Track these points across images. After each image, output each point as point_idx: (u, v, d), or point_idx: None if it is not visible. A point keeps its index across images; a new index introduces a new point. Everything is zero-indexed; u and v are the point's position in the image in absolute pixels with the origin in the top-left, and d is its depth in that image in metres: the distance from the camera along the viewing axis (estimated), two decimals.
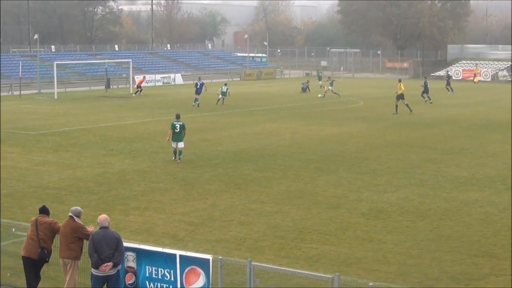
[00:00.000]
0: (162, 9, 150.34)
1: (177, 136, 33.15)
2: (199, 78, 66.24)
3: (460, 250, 20.07)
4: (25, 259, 16.47)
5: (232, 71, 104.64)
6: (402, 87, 54.35)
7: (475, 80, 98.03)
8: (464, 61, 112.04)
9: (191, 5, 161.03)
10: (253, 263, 14.67)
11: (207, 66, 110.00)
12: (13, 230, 18.96)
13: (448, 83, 76.18)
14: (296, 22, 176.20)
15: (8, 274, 18.02)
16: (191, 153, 35.40)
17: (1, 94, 71.34)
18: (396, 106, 54.24)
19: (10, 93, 73.50)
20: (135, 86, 73.32)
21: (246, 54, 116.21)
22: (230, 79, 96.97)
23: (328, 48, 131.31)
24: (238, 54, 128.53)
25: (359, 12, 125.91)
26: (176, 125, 33.21)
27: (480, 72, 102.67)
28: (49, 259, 16.54)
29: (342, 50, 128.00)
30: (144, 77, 79.59)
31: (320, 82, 72.71)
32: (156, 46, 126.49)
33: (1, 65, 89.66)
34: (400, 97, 54.21)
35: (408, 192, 27.13)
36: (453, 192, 27.33)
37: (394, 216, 23.64)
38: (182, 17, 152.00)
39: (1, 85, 76.60)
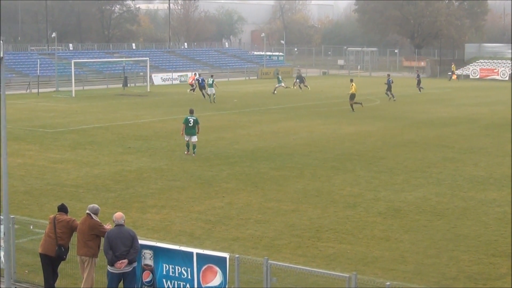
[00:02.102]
0: (179, 7, 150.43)
1: (191, 130, 34.13)
2: (199, 74, 69.07)
3: (478, 250, 19.98)
4: (43, 256, 16.53)
5: (249, 69, 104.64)
6: (354, 87, 54.62)
7: (453, 77, 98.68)
8: (481, 60, 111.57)
9: (208, 4, 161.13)
10: (270, 261, 14.66)
11: (224, 65, 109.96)
12: (31, 227, 19.06)
13: (418, 83, 75.55)
14: (313, 21, 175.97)
15: (26, 271, 18.11)
16: (208, 151, 35.44)
17: (19, 92, 71.93)
18: (356, 103, 54.64)
19: (28, 91, 73.81)
20: (190, 84, 71.87)
21: (263, 53, 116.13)
22: (247, 78, 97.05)
23: (345, 47, 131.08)
24: (255, 53, 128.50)
25: (376, 10, 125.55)
26: (190, 119, 34.21)
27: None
28: (66, 256, 16.59)
29: (359, 48, 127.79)
30: (195, 73, 77.08)
31: (283, 84, 72.00)
32: (173, 45, 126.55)
33: (20, 63, 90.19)
34: (352, 97, 54.46)
35: (426, 191, 27.03)
36: (470, 191, 27.22)
37: (412, 215, 23.56)
38: (199, 16, 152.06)
39: (19, 83, 77.39)
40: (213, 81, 61.88)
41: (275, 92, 70.70)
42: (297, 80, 76.47)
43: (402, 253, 19.61)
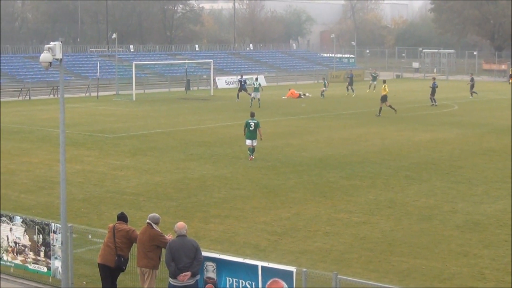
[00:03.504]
0: (245, 7, 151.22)
1: (252, 133, 34.97)
2: (242, 76, 72.22)
3: None
4: (102, 267, 16.70)
5: (318, 72, 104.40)
6: (387, 89, 55.88)
7: (510, 81, 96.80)
8: None
9: (275, 3, 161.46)
10: (339, 276, 14.59)
11: (292, 67, 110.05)
12: (89, 236, 19.26)
13: (471, 87, 73.59)
14: (386, 21, 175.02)
15: (84, 282, 18.31)
16: (274, 158, 35.46)
17: (78, 95, 73.15)
18: (380, 108, 55.34)
19: (87, 94, 74.88)
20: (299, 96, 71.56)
21: (333, 55, 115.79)
22: (316, 81, 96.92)
23: (420, 49, 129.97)
24: (324, 55, 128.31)
25: (454, 10, 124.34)
26: (251, 123, 35.04)
27: None
28: (125, 267, 16.74)
29: (435, 50, 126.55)
30: (289, 89, 75.21)
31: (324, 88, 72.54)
32: (238, 46, 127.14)
33: (79, 65, 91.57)
34: (384, 98, 55.41)
35: (507, 204, 26.60)
36: None
37: (492, 229, 23.22)
38: (265, 16, 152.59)
39: (78, 86, 78.73)
40: (259, 84, 62.09)
41: (323, 95, 70.96)
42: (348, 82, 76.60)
43: (481, 270, 19.35)
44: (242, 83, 68.42)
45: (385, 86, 56.25)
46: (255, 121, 35.21)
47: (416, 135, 44.13)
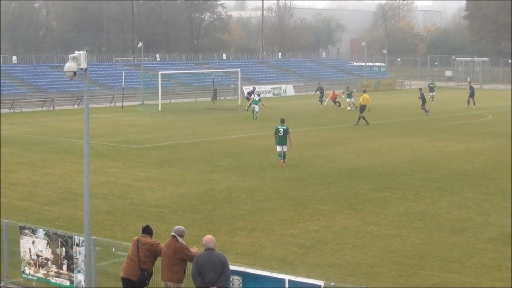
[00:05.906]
0: (274, 15, 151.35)
1: (281, 139, 36.07)
2: (254, 88, 74.07)
3: None
4: (124, 280, 16.78)
5: (348, 81, 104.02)
6: (366, 99, 56.02)
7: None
8: None
9: (305, 11, 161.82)
10: None
11: (321, 76, 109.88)
12: (113, 249, 19.37)
13: (471, 95, 71.47)
14: (419, 29, 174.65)
15: None
16: (302, 170, 35.47)
17: (103, 105, 73.58)
18: (359, 117, 55.69)
19: (112, 104, 75.28)
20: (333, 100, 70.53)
21: (363, 64, 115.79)
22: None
23: (454, 57, 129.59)
24: (355, 63, 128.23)
25: (488, 17, 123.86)
26: (280, 129, 36.17)
27: None
28: (149, 281, 16.79)
29: (469, 58, 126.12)
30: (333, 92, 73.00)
31: (351, 100, 70.29)
32: (266, 55, 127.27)
33: (104, 75, 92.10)
34: (362, 108, 55.79)
35: None
36: None
37: None
38: (294, 24, 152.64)
39: (103, 96, 79.03)
40: (259, 99, 61.96)
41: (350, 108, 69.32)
42: (318, 92, 74.93)
43: None
44: (246, 94, 72.22)
45: (363, 95, 56.46)
46: (285, 127, 36.17)
47: (448, 146, 43.98)
